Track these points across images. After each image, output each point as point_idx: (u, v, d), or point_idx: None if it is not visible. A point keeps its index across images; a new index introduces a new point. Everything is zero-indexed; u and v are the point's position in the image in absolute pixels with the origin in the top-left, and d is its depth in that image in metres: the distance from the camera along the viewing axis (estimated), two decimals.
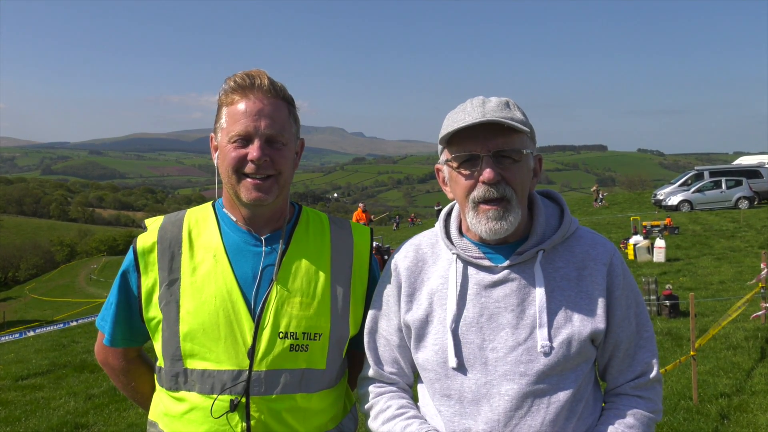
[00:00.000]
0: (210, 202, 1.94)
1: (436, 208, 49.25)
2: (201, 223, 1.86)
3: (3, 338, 16.14)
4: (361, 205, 26.00)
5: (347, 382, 2.04)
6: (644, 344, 1.73)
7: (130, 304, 1.87)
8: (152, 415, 1.89)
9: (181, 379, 1.77)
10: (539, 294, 1.62)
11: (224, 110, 1.78)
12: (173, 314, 1.77)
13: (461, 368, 1.66)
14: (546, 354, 1.59)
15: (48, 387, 8.77)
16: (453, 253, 1.73)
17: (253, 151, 1.74)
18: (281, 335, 1.75)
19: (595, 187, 45.88)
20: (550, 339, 1.60)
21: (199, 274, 1.78)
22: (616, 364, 1.72)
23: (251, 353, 1.73)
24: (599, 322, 1.65)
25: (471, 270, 1.70)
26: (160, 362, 1.82)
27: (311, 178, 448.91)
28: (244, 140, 1.74)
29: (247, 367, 1.73)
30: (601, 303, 1.66)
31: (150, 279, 1.82)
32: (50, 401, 7.95)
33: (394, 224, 52.22)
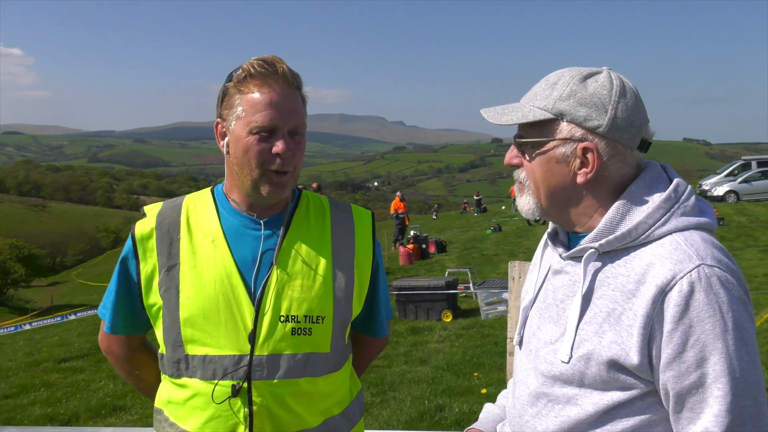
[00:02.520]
0: (209, 188, 1.92)
1: (476, 197, 48.83)
2: (199, 208, 1.85)
3: (47, 321, 16.54)
4: (398, 193, 25.91)
5: (352, 366, 2.02)
6: (712, 403, 1.30)
7: (130, 291, 1.84)
8: (158, 403, 1.89)
9: (182, 366, 1.76)
10: (577, 297, 1.47)
11: (240, 97, 1.72)
12: (173, 300, 1.75)
13: (519, 346, 1.64)
14: (564, 362, 1.46)
15: (89, 369, 8.98)
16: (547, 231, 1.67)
17: (279, 145, 1.71)
18: (282, 319, 1.74)
19: None
20: (572, 348, 1.45)
21: (198, 259, 1.76)
22: (672, 414, 1.38)
23: (252, 337, 1.72)
24: (630, 352, 1.35)
25: (549, 251, 1.64)
26: (162, 349, 1.82)
27: (351, 167, 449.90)
28: (268, 132, 1.71)
29: (249, 352, 1.72)
30: (638, 332, 1.35)
31: (149, 265, 1.80)
32: (90, 383, 8.13)
33: (434, 213, 52.10)
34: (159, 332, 1.81)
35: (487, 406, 1.86)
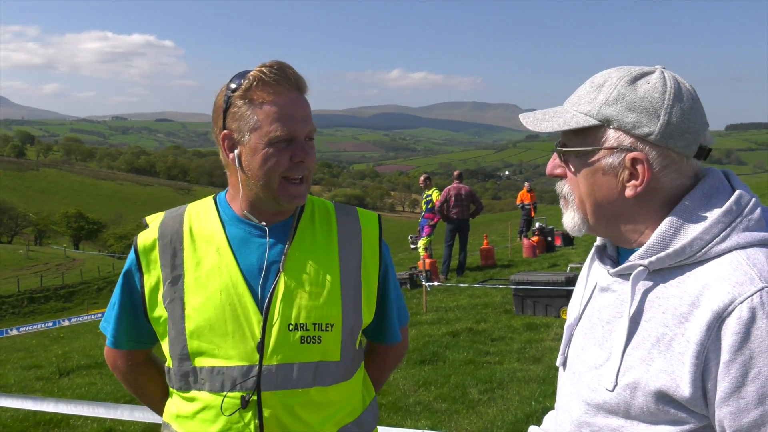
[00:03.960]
0: (211, 196, 1.89)
1: None
2: (202, 217, 1.81)
3: None
4: (526, 184, 25.29)
5: (369, 378, 1.98)
6: None
7: (134, 305, 1.83)
8: (166, 417, 1.88)
9: (190, 379, 1.73)
10: (623, 319, 1.33)
11: (252, 108, 1.66)
12: (178, 312, 1.72)
13: (563, 368, 1.52)
14: (608, 389, 1.31)
15: None
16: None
17: (299, 153, 1.68)
18: (291, 327, 1.69)
19: None
20: (617, 375, 1.30)
21: (202, 269, 1.72)
22: None
23: (261, 347, 1.68)
24: (681, 383, 1.21)
25: (597, 265, 1.49)
26: (168, 362, 1.79)
27: (483, 155, 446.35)
28: (286, 142, 1.67)
29: (257, 362, 1.68)
30: (691, 361, 1.20)
31: (153, 277, 1.77)
32: None
33: None
34: (165, 345, 1.78)
35: (532, 429, 1.73)
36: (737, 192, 1.29)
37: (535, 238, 18.79)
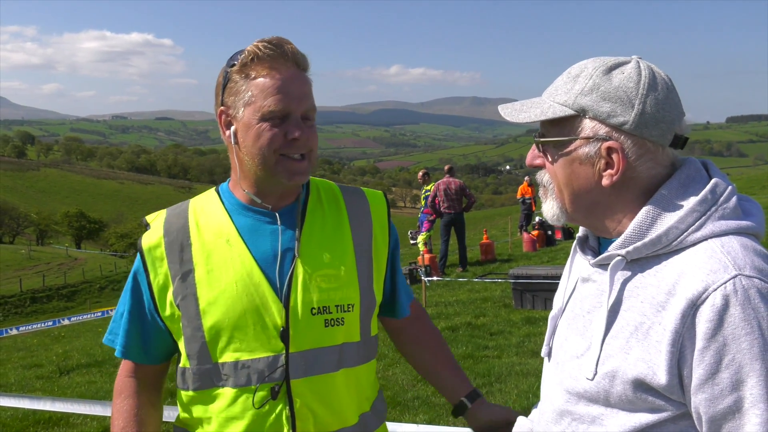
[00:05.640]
0: (213, 188, 1.83)
1: None
2: (207, 209, 1.75)
3: None
4: (527, 178, 25.26)
5: (420, 343, 2.00)
6: (750, 430, 1.16)
7: (142, 309, 1.74)
8: (178, 422, 1.81)
9: (213, 376, 1.66)
10: (602, 309, 1.34)
11: (247, 82, 1.62)
12: (192, 308, 1.65)
13: (548, 358, 1.53)
14: (588, 378, 1.33)
15: None
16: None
17: (294, 130, 1.62)
18: (314, 311, 1.66)
19: None
20: (597, 364, 1.32)
21: (214, 261, 1.67)
22: None
23: (285, 335, 1.64)
24: (658, 371, 1.22)
25: (579, 256, 1.51)
26: (184, 362, 1.72)
27: (483, 150, 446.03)
28: (281, 118, 1.62)
29: (283, 351, 1.64)
30: (667, 349, 1.20)
31: (161, 276, 1.69)
32: None
33: None
34: (181, 345, 1.71)
35: (520, 420, 1.75)
36: (713, 181, 1.30)
37: (535, 233, 18.80)
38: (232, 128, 1.66)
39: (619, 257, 1.31)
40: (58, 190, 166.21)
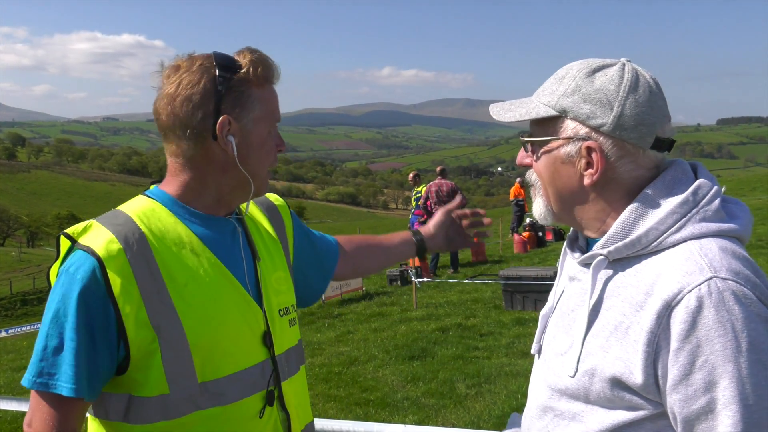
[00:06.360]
0: (141, 197, 1.67)
1: None
2: (153, 218, 1.58)
3: None
4: (519, 179, 25.31)
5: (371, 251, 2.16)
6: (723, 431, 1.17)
7: (93, 336, 1.46)
8: None
9: (203, 396, 1.51)
10: (584, 307, 1.37)
11: (253, 94, 1.57)
12: (175, 327, 1.48)
13: (538, 355, 1.56)
14: (570, 376, 1.35)
15: None
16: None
17: (281, 143, 1.68)
18: (281, 313, 1.71)
19: None
20: (578, 361, 1.34)
21: (186, 273, 1.53)
22: None
23: (269, 339, 1.63)
24: (634, 370, 1.23)
25: (569, 254, 1.54)
26: (160, 389, 1.48)
27: (475, 152, 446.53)
28: (274, 134, 1.67)
29: (269, 356, 1.63)
30: (643, 348, 1.22)
31: (130, 294, 1.45)
32: None
33: None
34: (155, 371, 1.48)
35: (514, 416, 1.77)
36: (696, 182, 1.31)
37: (526, 234, 18.83)
38: (233, 139, 1.56)
39: (601, 257, 1.33)
40: (49, 192, 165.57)
